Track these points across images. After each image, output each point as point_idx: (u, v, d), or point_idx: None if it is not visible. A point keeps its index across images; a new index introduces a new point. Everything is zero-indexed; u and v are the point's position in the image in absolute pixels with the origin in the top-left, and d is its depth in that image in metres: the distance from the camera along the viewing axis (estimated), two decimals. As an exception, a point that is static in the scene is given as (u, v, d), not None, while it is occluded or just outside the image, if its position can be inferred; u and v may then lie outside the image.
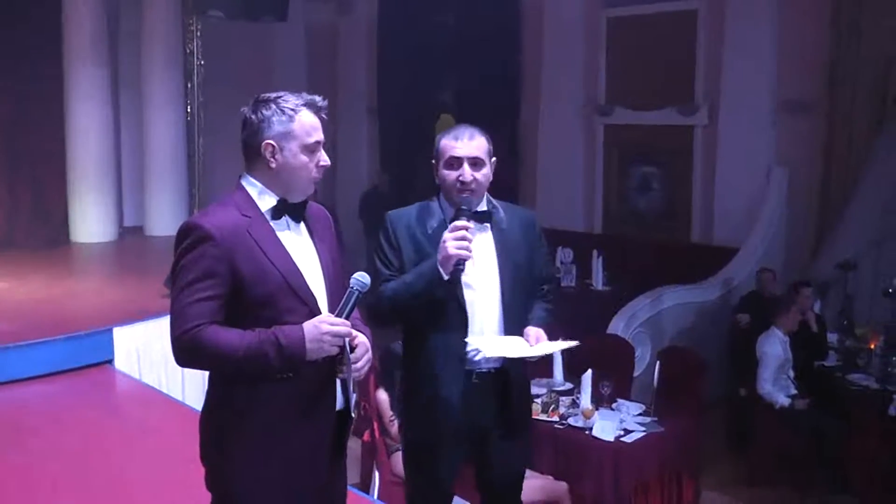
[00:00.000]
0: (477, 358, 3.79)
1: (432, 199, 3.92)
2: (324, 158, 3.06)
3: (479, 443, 3.91)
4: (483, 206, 3.84)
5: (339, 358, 2.97)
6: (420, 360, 3.82)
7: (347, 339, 2.96)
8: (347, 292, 2.97)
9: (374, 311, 3.70)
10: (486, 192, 3.87)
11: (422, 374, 3.83)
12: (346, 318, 2.94)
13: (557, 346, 3.81)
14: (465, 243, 3.60)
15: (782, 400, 7.64)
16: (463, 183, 3.75)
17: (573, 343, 3.83)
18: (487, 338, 3.79)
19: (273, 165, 3.01)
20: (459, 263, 3.61)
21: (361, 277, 2.98)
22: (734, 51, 10.64)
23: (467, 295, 3.75)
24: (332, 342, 2.89)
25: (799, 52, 10.18)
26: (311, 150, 3.01)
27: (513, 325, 3.83)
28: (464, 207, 3.72)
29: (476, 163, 3.76)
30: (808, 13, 10.13)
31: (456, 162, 3.76)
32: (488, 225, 3.84)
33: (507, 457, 3.99)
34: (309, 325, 2.87)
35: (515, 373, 3.91)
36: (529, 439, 4.24)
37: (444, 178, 3.79)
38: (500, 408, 3.89)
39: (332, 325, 2.89)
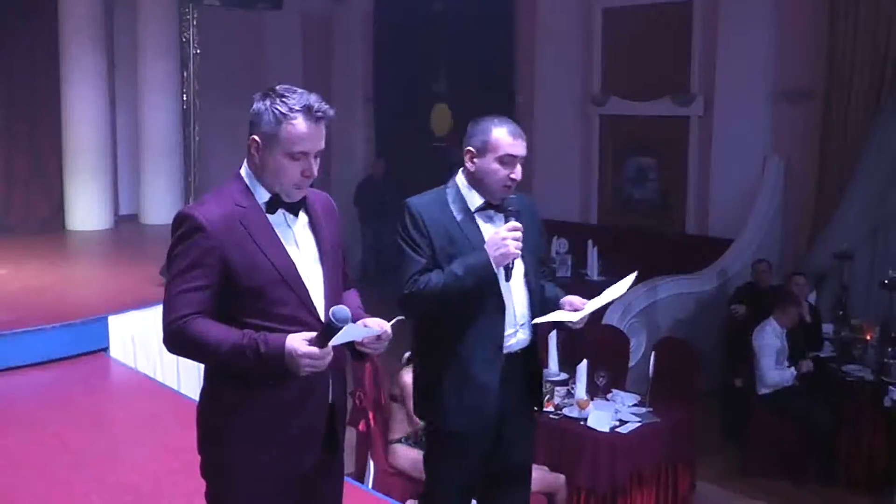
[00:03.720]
0: (510, 342, 3.86)
1: (448, 187, 3.93)
2: (310, 169, 2.97)
3: (500, 430, 3.93)
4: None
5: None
6: (454, 348, 3.82)
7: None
8: (327, 325, 2.82)
9: (414, 303, 3.72)
10: None
11: (456, 363, 3.83)
12: (323, 345, 2.81)
13: (621, 287, 3.93)
14: (520, 243, 3.71)
15: (790, 376, 7.64)
16: (514, 181, 3.80)
17: (630, 277, 4.00)
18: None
19: (256, 161, 2.99)
20: (511, 262, 3.74)
21: (340, 312, 2.79)
22: (730, 40, 10.61)
23: (501, 283, 3.80)
24: (308, 364, 2.80)
25: (795, 41, 10.15)
26: (294, 157, 2.93)
27: (537, 308, 3.91)
28: (511, 209, 3.80)
29: (523, 162, 3.85)
30: (805, 1, 10.12)
31: (510, 160, 3.78)
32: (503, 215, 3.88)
33: (521, 442, 4.06)
34: (290, 341, 2.80)
35: (538, 350, 4.07)
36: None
37: (493, 172, 3.79)
38: (525, 388, 3.99)
39: (308, 351, 2.79)
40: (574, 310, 3.83)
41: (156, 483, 5.07)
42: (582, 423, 6.20)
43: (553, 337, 7.01)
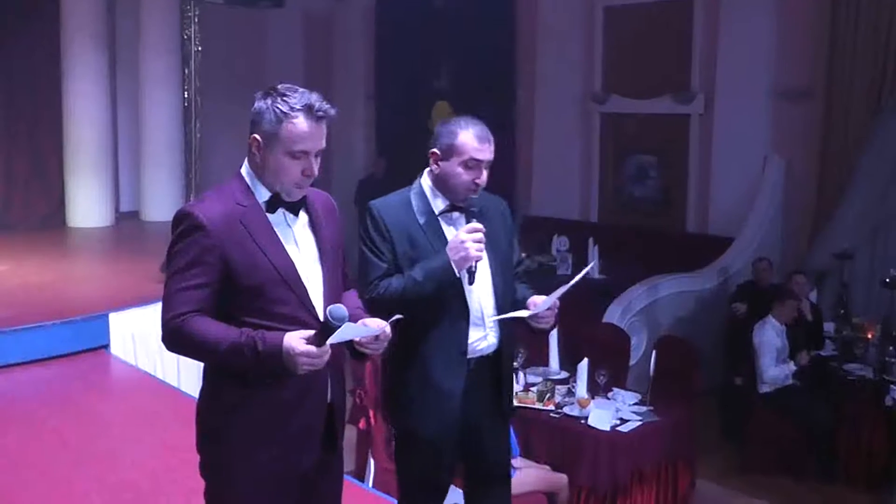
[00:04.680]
0: (480, 346, 3.80)
1: (412, 189, 3.85)
2: (310, 168, 2.96)
3: (470, 432, 3.87)
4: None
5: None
6: (417, 352, 3.77)
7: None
8: (324, 324, 2.81)
9: (375, 304, 3.59)
10: None
11: (419, 367, 3.77)
12: (321, 344, 2.80)
13: (572, 282, 3.73)
14: (481, 245, 3.62)
15: (788, 372, 7.65)
16: (478, 186, 3.72)
17: (585, 269, 3.92)
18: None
19: (257, 160, 2.98)
20: (472, 265, 3.64)
21: (337, 311, 2.77)
22: (731, 39, 10.61)
23: (466, 286, 3.72)
24: (306, 363, 2.79)
25: (796, 40, 10.14)
26: (294, 156, 2.93)
27: (506, 311, 3.81)
28: (473, 209, 3.72)
29: (489, 166, 3.75)
30: (806, 1, 10.11)
31: (475, 164, 3.69)
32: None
33: (496, 443, 4.00)
34: (288, 339, 2.79)
35: (507, 355, 3.97)
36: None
37: (457, 176, 3.71)
38: (495, 393, 3.91)
39: (306, 349, 2.78)
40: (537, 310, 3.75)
41: (155, 481, 5.07)
42: (583, 421, 6.20)
43: (554, 336, 7.01)
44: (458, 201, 3.76)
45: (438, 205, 3.80)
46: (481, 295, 3.79)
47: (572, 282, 3.71)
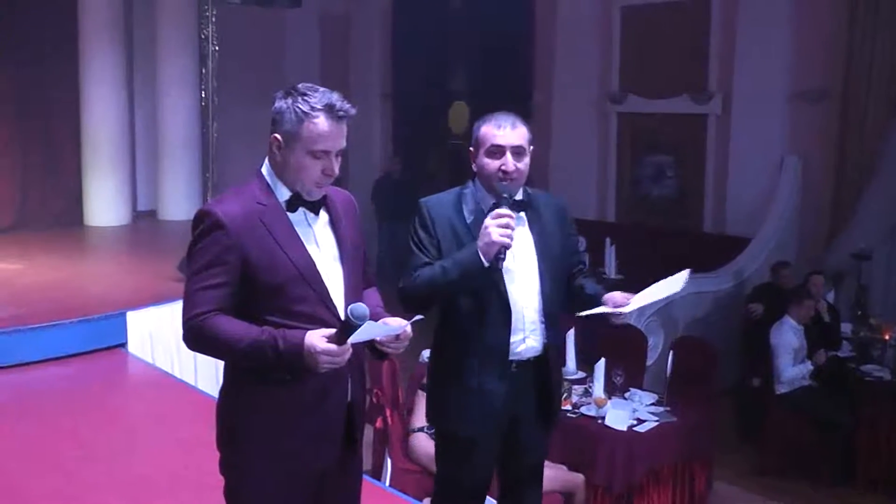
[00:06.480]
0: (520, 349, 3.75)
1: (466, 187, 3.84)
2: (331, 168, 2.97)
3: (511, 435, 3.85)
4: (519, 196, 3.75)
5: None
6: (458, 352, 3.75)
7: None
8: (345, 322, 2.80)
9: (406, 296, 3.61)
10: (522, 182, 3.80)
11: (459, 367, 3.74)
12: (342, 343, 2.80)
13: (673, 284, 3.81)
14: (508, 231, 3.52)
15: (806, 372, 7.62)
16: (505, 172, 3.66)
17: (683, 274, 3.93)
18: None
19: (278, 159, 2.99)
20: (500, 252, 3.53)
21: (358, 310, 2.76)
22: (748, 39, 10.58)
23: (508, 286, 3.69)
24: (327, 361, 2.79)
25: (814, 41, 10.10)
26: (315, 156, 2.94)
27: (552, 314, 3.79)
28: (505, 195, 3.64)
29: (518, 151, 3.69)
30: (824, 1, 10.07)
31: (498, 150, 3.68)
32: (523, 215, 3.75)
33: (535, 445, 3.97)
34: (309, 338, 2.79)
35: (554, 361, 3.91)
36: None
37: (485, 167, 3.71)
38: (538, 396, 3.87)
39: (326, 347, 2.78)
40: (616, 306, 3.68)
41: (171, 478, 5.09)
42: (599, 421, 6.19)
43: (571, 335, 6.99)
44: (500, 193, 3.69)
45: (487, 202, 3.76)
46: (525, 296, 3.74)
47: (668, 292, 3.88)
